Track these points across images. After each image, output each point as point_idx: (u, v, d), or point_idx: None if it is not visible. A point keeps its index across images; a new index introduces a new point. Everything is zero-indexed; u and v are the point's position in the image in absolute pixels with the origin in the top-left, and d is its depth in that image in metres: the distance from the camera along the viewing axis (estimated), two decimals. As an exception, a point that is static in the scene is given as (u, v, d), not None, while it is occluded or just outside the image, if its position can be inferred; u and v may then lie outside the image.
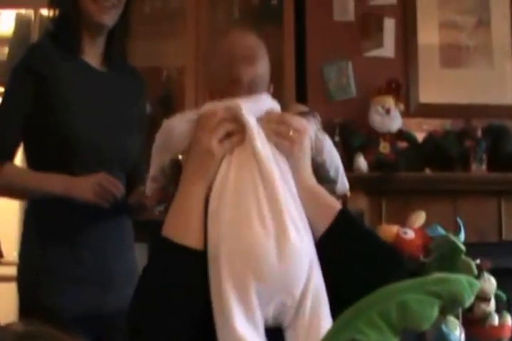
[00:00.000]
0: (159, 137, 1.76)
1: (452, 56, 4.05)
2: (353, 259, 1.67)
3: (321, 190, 1.73)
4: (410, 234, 2.59)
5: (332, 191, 1.81)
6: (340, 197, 1.90)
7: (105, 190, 2.21)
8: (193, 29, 4.04)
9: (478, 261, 3.07)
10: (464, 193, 3.85)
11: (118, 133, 2.39)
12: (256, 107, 1.73)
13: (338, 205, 1.71)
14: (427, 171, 3.85)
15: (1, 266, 5.80)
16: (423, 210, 3.80)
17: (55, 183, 2.26)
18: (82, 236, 2.31)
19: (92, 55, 2.41)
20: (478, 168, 3.78)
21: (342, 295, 1.58)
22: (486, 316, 2.71)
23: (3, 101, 2.37)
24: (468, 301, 1.32)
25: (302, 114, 1.98)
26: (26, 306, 2.39)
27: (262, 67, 1.77)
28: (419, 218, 2.56)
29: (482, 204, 3.89)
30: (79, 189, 2.22)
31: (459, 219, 2.33)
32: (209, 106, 1.73)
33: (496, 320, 2.72)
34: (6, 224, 6.02)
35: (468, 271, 2.07)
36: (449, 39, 4.06)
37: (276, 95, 1.83)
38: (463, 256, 2.05)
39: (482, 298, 2.90)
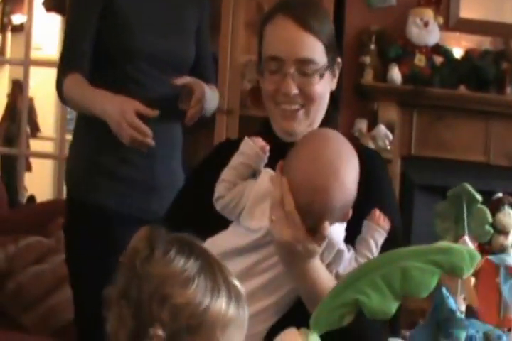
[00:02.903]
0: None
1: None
2: None
3: None
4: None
5: None
6: None
7: (138, 143, 2.24)
8: None
9: (500, 195, 3.09)
10: (497, 115, 3.81)
11: (171, 39, 2.44)
12: None
13: None
14: (462, 89, 3.79)
15: (37, 140, 5.98)
16: (454, 127, 3.82)
17: (99, 110, 2.29)
18: None
19: None
20: (513, 92, 3.75)
21: None
22: (503, 249, 2.75)
23: (71, 13, 2.49)
24: (467, 273, 1.37)
25: None
26: (73, 203, 2.49)
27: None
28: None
29: (514, 128, 3.88)
30: (115, 127, 2.25)
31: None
32: None
33: (512, 253, 2.76)
34: (44, 99, 6.15)
35: (482, 218, 2.07)
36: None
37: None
38: (479, 205, 2.05)
39: (501, 230, 2.94)
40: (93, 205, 2.41)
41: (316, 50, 1.69)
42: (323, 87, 1.71)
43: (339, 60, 1.76)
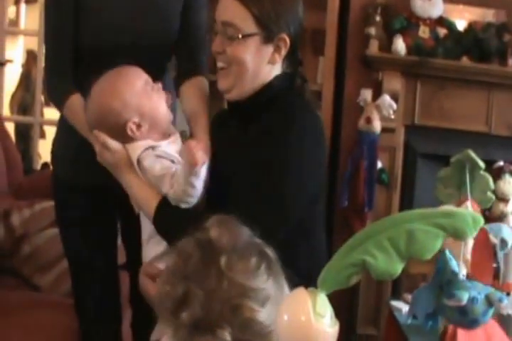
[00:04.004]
0: None
1: None
2: None
3: None
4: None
5: None
6: None
7: None
8: None
9: (501, 163, 3.17)
10: (499, 86, 3.87)
11: (145, 21, 2.27)
12: None
13: None
14: (464, 60, 3.85)
15: (51, 109, 6.00)
16: (456, 98, 3.88)
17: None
18: None
19: None
20: (515, 63, 3.78)
21: None
22: (504, 216, 2.84)
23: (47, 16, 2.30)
24: (470, 236, 1.37)
25: None
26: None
27: None
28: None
29: (516, 99, 3.92)
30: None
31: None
32: None
33: (511, 221, 2.84)
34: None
35: (485, 185, 2.15)
36: None
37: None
38: (481, 171, 2.13)
39: (501, 198, 3.02)
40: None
41: (238, 17, 1.87)
42: (245, 52, 1.89)
43: (285, 37, 1.89)
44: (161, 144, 1.99)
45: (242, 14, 1.86)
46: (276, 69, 1.95)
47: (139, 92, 1.99)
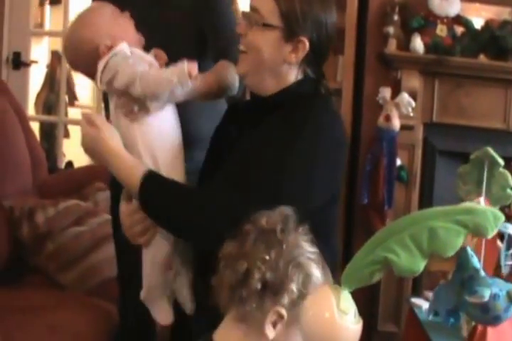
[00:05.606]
0: None
1: None
2: None
3: None
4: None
5: None
6: None
7: None
8: None
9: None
10: (517, 84, 3.86)
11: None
12: None
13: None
14: (481, 58, 3.85)
15: (75, 109, 6.07)
16: (474, 95, 3.89)
17: None
18: None
19: None
20: (532, 61, 3.79)
21: None
22: (522, 213, 2.84)
23: None
24: (491, 233, 1.41)
25: None
26: None
27: None
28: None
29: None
30: None
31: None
32: None
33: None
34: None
35: (504, 182, 2.17)
36: None
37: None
38: (500, 169, 2.15)
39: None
40: None
41: (266, 7, 1.90)
42: (263, 41, 1.91)
43: (305, 40, 1.90)
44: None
45: (270, 5, 1.89)
46: (294, 71, 1.96)
47: (106, 18, 2.05)
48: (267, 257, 1.45)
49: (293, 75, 1.96)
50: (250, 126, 1.94)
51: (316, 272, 1.47)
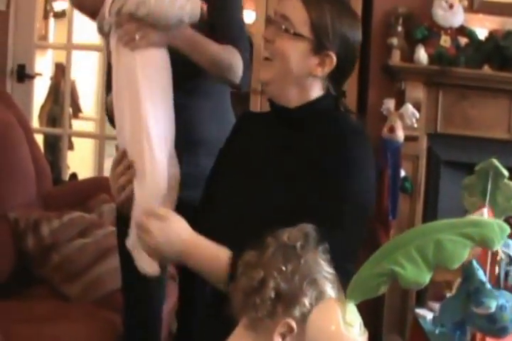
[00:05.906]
0: None
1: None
2: None
3: None
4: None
5: None
6: None
7: None
8: None
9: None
10: (521, 94, 3.86)
11: None
12: None
13: None
14: (485, 68, 3.87)
15: (79, 121, 6.10)
16: (478, 106, 3.90)
17: None
18: None
19: None
20: (536, 71, 3.79)
21: None
22: (528, 224, 2.83)
23: None
24: (498, 245, 1.39)
25: None
26: None
27: None
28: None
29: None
30: None
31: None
32: None
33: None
34: (85, 81, 6.23)
35: (509, 193, 2.17)
36: None
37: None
38: (505, 180, 2.15)
39: (526, 206, 3.01)
40: None
41: (298, 17, 1.89)
42: (292, 50, 1.89)
43: (332, 55, 1.89)
44: None
45: (302, 16, 1.87)
46: (318, 85, 1.94)
47: None
48: (284, 268, 1.47)
49: (316, 89, 1.94)
50: (275, 139, 1.95)
51: (330, 291, 1.47)
